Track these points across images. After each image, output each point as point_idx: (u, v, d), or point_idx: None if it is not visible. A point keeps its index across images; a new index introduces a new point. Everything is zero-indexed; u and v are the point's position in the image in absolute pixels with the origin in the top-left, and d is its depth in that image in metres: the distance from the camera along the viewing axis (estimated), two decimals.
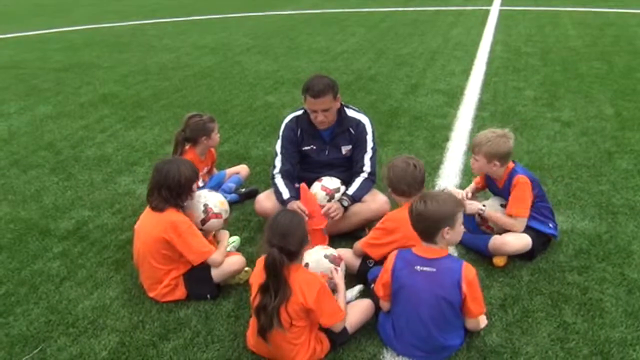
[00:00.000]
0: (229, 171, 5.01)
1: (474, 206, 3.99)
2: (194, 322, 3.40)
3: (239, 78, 8.72)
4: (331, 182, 4.24)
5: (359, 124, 4.33)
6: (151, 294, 3.59)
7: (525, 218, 3.86)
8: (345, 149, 4.36)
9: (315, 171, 4.41)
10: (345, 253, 3.72)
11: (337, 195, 4.16)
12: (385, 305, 3.15)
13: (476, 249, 3.96)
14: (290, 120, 4.37)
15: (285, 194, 4.16)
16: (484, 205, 3.99)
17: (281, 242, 2.87)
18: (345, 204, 4.08)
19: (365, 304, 3.25)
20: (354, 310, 3.21)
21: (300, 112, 4.36)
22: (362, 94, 7.73)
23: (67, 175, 5.45)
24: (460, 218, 3.06)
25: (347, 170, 4.39)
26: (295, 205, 3.98)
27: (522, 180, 3.82)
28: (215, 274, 3.56)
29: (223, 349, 3.18)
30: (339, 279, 3.33)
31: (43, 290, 3.74)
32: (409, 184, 3.51)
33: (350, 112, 4.36)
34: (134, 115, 7.11)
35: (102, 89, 8.32)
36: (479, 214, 4.00)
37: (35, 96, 8.02)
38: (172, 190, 3.49)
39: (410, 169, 3.50)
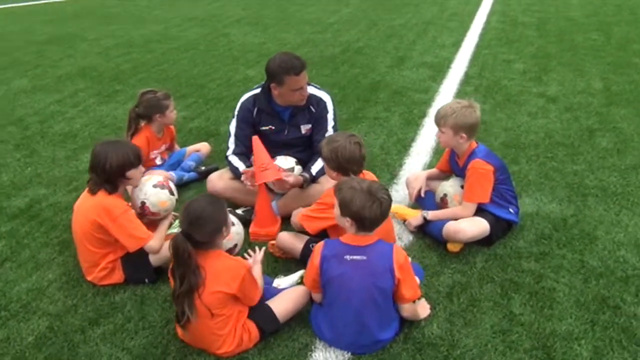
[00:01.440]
0: (189, 149, 4.86)
1: (416, 220, 3.86)
2: (127, 307, 3.30)
3: (224, 51, 8.51)
4: (285, 162, 4.08)
5: (319, 102, 4.15)
6: (88, 277, 3.48)
7: (475, 203, 3.68)
8: (305, 128, 4.19)
9: (273, 151, 4.22)
10: (287, 237, 3.58)
11: (294, 174, 4.00)
12: (316, 297, 3.01)
13: (430, 234, 3.80)
14: (247, 100, 4.18)
15: (241, 167, 4.02)
16: (424, 212, 3.84)
17: (189, 230, 2.74)
18: (306, 181, 3.93)
19: (299, 291, 3.10)
20: (286, 298, 3.07)
21: (257, 91, 4.17)
22: (345, 67, 7.50)
23: (31, 152, 5.34)
24: None
25: (305, 149, 4.22)
26: (249, 172, 3.84)
27: (477, 166, 3.63)
28: (154, 258, 3.44)
29: (152, 335, 3.08)
30: (257, 262, 3.17)
31: None
32: (359, 163, 3.35)
33: (311, 90, 4.16)
34: (110, 89, 6.96)
35: (82, 61, 8.17)
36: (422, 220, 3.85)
37: (13, 69, 7.90)
38: (99, 175, 3.36)
39: (356, 148, 3.32)
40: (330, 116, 4.15)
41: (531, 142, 5.16)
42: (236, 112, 4.18)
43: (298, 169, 4.10)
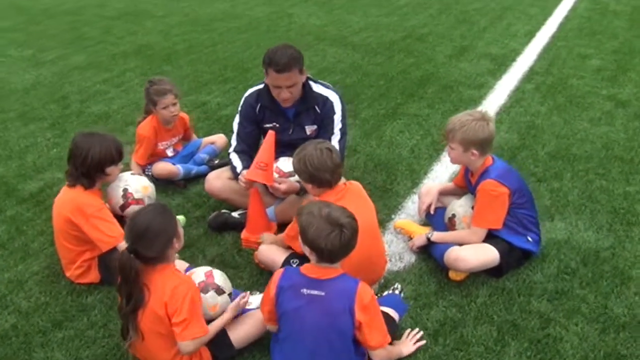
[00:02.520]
0: (205, 140, 4.68)
1: (420, 240, 3.49)
2: (95, 311, 3.18)
3: (282, 32, 8.25)
4: (286, 164, 3.78)
5: (325, 102, 3.80)
6: (67, 274, 3.40)
7: (485, 229, 3.24)
8: (309, 129, 3.87)
9: (278, 151, 3.96)
10: (267, 250, 3.31)
11: (292, 179, 3.72)
12: (272, 328, 2.70)
13: (434, 257, 3.40)
14: (250, 95, 3.90)
15: (239, 167, 3.77)
16: (429, 233, 3.45)
17: (135, 244, 2.53)
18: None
19: (260, 316, 2.83)
20: (246, 322, 2.82)
21: (261, 86, 3.88)
22: (400, 55, 7.03)
23: (62, 132, 5.37)
24: None
25: None
26: (244, 174, 3.61)
27: (488, 188, 3.18)
28: None
29: (108, 346, 2.94)
30: (229, 311, 2.84)
31: None
32: (332, 171, 3.02)
33: (317, 88, 3.83)
34: (158, 70, 6.92)
35: (142, 39, 8.20)
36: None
37: (76, 45, 8.05)
38: (77, 168, 3.23)
39: (326, 155, 3.00)
40: (337, 118, 3.80)
41: (584, 153, 4.54)
42: (239, 109, 3.93)
43: None
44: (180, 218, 3.86)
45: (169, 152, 4.46)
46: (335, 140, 3.80)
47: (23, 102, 6.11)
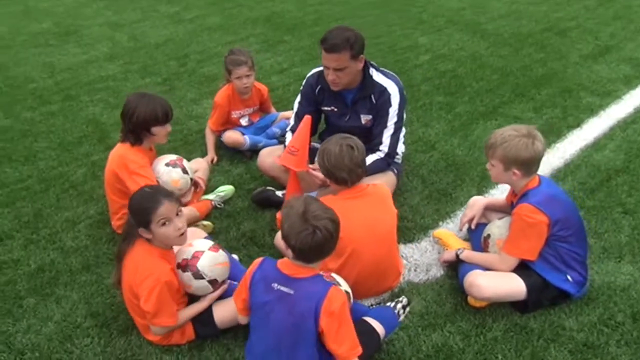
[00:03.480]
0: (281, 114, 4.70)
1: (449, 255, 3.23)
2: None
3: (414, 13, 7.93)
4: None
5: (383, 92, 3.62)
6: (112, 223, 3.65)
7: (516, 258, 2.89)
8: (364, 119, 3.72)
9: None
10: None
11: None
12: (242, 319, 2.65)
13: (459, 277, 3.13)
14: (312, 75, 3.83)
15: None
16: (459, 249, 3.16)
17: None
18: None
19: None
20: (230, 305, 2.81)
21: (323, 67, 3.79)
22: (531, 49, 6.42)
23: (169, 89, 5.71)
24: None
25: (367, 142, 3.74)
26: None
27: (523, 213, 2.83)
28: None
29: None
30: (205, 300, 2.87)
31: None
32: (350, 170, 2.89)
33: (378, 76, 3.65)
34: (277, 39, 7.04)
35: (278, 6, 8.36)
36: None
37: (217, 6, 8.40)
38: (126, 125, 3.42)
39: (346, 152, 2.86)
40: (393, 110, 3.60)
41: None
42: (301, 87, 3.87)
43: None
44: (228, 188, 3.96)
45: (243, 122, 4.55)
46: (387, 135, 3.62)
47: (150, 56, 6.58)
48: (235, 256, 3.32)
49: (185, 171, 3.56)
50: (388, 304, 2.97)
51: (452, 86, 5.56)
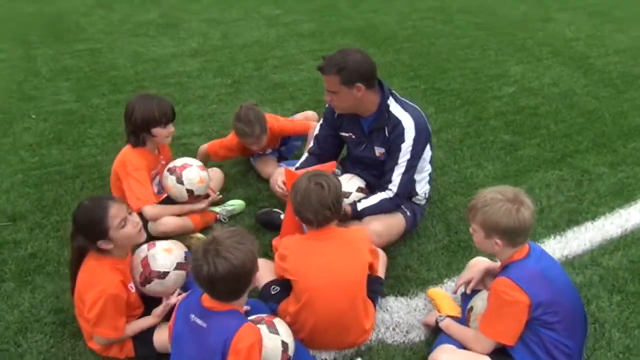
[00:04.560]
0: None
1: (430, 319, 2.89)
2: None
3: (520, 39, 7.30)
4: (347, 183, 3.45)
5: (397, 126, 3.29)
6: None
7: (492, 341, 2.47)
8: (378, 151, 3.42)
9: (350, 166, 3.63)
10: (262, 264, 3.04)
11: (344, 202, 3.35)
12: (169, 347, 2.49)
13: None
14: None
15: (294, 166, 3.60)
16: (441, 316, 2.79)
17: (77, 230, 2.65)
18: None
19: None
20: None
21: None
22: (637, 94, 5.66)
23: (234, 91, 5.68)
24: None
25: (381, 175, 3.45)
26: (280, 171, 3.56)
27: (500, 288, 2.43)
28: (151, 227, 3.40)
29: None
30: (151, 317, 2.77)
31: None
32: (316, 211, 2.65)
33: (395, 108, 3.33)
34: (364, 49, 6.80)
35: (377, 19, 8.11)
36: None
37: (317, 13, 8.30)
38: (127, 125, 3.41)
39: (314, 190, 2.64)
40: (405, 146, 3.26)
41: None
42: (324, 110, 3.65)
43: (356, 196, 3.41)
44: (238, 203, 3.84)
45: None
46: (397, 173, 3.29)
47: (232, 57, 6.63)
48: None
49: (180, 181, 3.46)
50: None
51: (525, 125, 5.02)
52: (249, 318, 2.53)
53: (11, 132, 4.87)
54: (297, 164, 3.60)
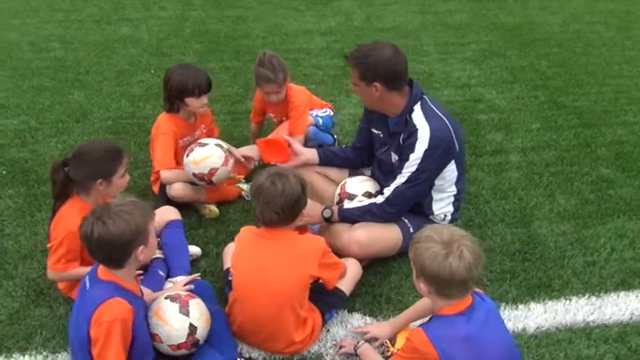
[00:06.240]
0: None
1: (350, 341, 2.69)
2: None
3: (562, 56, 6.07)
4: (356, 185, 3.28)
5: (412, 135, 3.00)
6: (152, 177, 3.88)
7: None
8: (393, 157, 3.17)
9: (375, 167, 3.46)
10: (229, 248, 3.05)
11: (347, 202, 3.20)
12: None
13: None
14: None
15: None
16: (361, 342, 2.60)
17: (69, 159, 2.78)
18: (327, 214, 3.10)
19: None
20: None
21: None
22: None
23: (322, 77, 5.61)
24: (152, 229, 2.32)
25: None
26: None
27: (413, 338, 2.15)
28: (169, 189, 3.53)
29: None
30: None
31: None
32: (262, 210, 2.57)
33: (416, 114, 3.04)
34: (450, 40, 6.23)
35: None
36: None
37: (476, 3, 7.79)
38: (164, 91, 3.56)
39: (267, 187, 2.53)
40: (413, 158, 2.96)
41: None
42: None
43: (360, 199, 3.21)
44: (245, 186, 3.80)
45: None
46: (396, 182, 3.02)
47: (359, 39, 6.33)
48: (197, 249, 3.27)
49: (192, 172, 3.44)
50: None
51: (639, 162, 4.21)
52: (166, 293, 2.54)
53: (125, 82, 5.37)
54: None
